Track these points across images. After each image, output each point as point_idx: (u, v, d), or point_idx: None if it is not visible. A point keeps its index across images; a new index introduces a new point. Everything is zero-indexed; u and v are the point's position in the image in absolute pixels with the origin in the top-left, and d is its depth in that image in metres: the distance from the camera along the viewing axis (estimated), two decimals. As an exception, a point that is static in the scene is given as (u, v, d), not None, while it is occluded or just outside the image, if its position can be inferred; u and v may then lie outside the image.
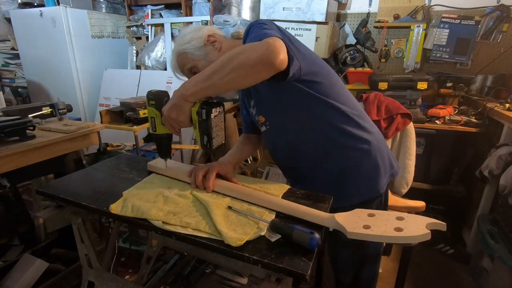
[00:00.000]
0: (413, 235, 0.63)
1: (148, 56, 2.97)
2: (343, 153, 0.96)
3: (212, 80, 0.76)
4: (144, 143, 2.27)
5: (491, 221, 1.70)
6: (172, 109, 0.81)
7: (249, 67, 0.74)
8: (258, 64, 0.73)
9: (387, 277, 1.83)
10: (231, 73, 0.74)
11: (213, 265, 1.79)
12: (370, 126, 1.01)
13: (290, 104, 0.94)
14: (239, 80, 0.76)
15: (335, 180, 0.99)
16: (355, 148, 0.96)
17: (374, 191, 0.99)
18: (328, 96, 0.92)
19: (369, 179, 0.98)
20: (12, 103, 3.43)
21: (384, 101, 1.70)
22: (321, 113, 0.93)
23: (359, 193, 0.97)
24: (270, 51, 0.72)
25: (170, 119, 0.82)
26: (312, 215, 0.76)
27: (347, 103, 0.97)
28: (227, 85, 0.77)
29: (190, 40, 0.97)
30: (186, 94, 0.79)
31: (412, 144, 1.66)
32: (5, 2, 3.21)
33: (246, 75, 0.75)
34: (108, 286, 1.08)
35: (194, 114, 0.83)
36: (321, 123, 0.94)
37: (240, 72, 0.74)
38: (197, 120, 0.83)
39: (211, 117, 0.82)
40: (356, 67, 2.41)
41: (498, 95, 2.02)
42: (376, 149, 0.98)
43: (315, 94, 0.91)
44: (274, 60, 0.72)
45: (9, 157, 1.24)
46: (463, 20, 2.17)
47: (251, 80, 0.78)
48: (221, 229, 0.70)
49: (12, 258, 1.65)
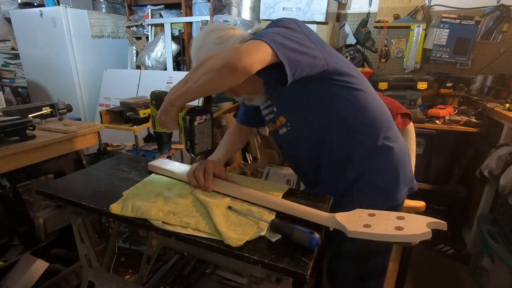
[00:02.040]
0: (414, 233, 0.63)
1: (148, 56, 2.97)
2: (365, 159, 0.94)
3: (188, 84, 0.76)
4: (144, 143, 2.27)
5: (491, 221, 1.70)
6: (162, 112, 0.83)
7: (214, 72, 0.72)
8: (221, 68, 0.71)
9: (387, 277, 1.83)
10: (201, 78, 0.73)
11: (213, 265, 1.79)
12: (395, 135, 0.99)
13: (317, 103, 0.90)
14: (208, 85, 0.75)
15: (354, 185, 0.96)
16: (378, 155, 0.94)
17: (392, 200, 0.97)
18: (359, 96, 0.90)
19: (388, 188, 0.96)
20: (12, 103, 3.43)
21: (384, 101, 1.70)
22: (351, 114, 0.91)
23: (376, 200, 0.94)
24: (235, 55, 0.69)
25: (161, 121, 0.85)
26: (312, 215, 0.76)
27: (379, 107, 0.95)
28: (200, 89, 0.76)
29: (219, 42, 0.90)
30: (171, 98, 0.80)
31: (412, 144, 1.66)
32: (5, 2, 3.21)
33: (213, 80, 0.73)
34: (108, 286, 1.08)
35: (180, 120, 0.86)
36: (350, 125, 0.92)
37: (208, 77, 0.73)
38: (182, 125, 0.86)
39: (194, 124, 0.85)
40: (356, 67, 2.41)
41: (498, 95, 2.02)
42: (399, 158, 0.96)
43: (347, 92, 0.89)
44: (236, 64, 0.69)
45: (9, 157, 1.24)
46: (463, 20, 2.17)
47: (218, 85, 0.75)
48: (221, 229, 0.70)
49: (12, 258, 1.64)
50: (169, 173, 1.02)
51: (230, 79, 0.73)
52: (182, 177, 0.98)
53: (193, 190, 0.91)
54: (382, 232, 0.65)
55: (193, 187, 0.93)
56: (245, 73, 0.71)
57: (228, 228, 0.72)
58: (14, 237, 1.83)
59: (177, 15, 3.04)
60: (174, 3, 3.03)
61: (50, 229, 1.16)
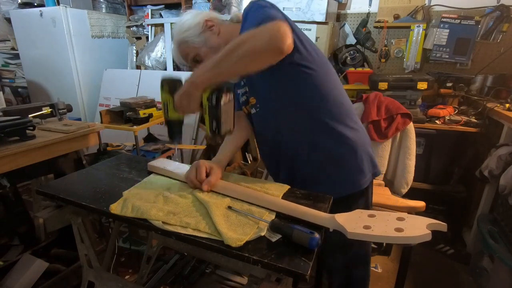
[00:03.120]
0: (413, 235, 0.63)
1: (148, 56, 2.97)
2: (327, 146, 0.97)
3: (221, 67, 0.77)
4: (144, 143, 2.27)
5: (491, 221, 1.70)
6: (183, 96, 0.82)
7: (257, 53, 0.74)
8: (266, 50, 0.73)
9: (387, 277, 1.83)
10: (239, 60, 0.75)
11: (213, 265, 1.79)
12: (357, 123, 1.02)
13: (284, 87, 0.94)
14: (247, 66, 0.77)
15: (316, 172, 1.00)
16: (340, 143, 0.97)
17: (356, 186, 1.00)
18: (322, 86, 0.93)
19: (352, 175, 0.99)
20: (12, 103, 3.43)
21: (384, 101, 1.71)
22: (313, 101, 0.94)
23: (341, 188, 0.98)
24: (278, 36, 0.71)
25: (182, 105, 0.84)
26: (312, 215, 0.76)
27: (339, 97, 0.98)
28: (235, 72, 0.79)
29: (188, 28, 0.96)
30: (196, 81, 0.80)
31: (412, 144, 1.67)
32: (5, 2, 3.21)
33: (254, 61, 0.76)
34: (108, 286, 1.08)
35: (204, 100, 0.84)
36: (312, 111, 0.95)
37: (249, 59, 0.75)
38: (207, 105, 0.85)
39: (220, 103, 0.83)
40: (356, 67, 2.42)
41: (498, 95, 2.02)
42: (360, 146, 0.99)
43: (311, 81, 0.92)
44: (283, 46, 0.72)
45: (9, 157, 1.24)
46: (463, 20, 2.17)
47: (259, 66, 0.78)
48: (221, 230, 0.70)
49: (12, 258, 1.65)
50: (168, 173, 1.02)
51: (273, 59, 0.76)
52: (181, 177, 0.98)
53: (193, 190, 0.91)
54: (382, 234, 0.65)
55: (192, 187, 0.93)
56: (288, 52, 0.74)
57: (228, 228, 0.72)
58: (14, 237, 1.83)
59: (177, 15, 3.04)
60: (174, 3, 3.04)
61: (50, 229, 1.16)
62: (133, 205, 0.81)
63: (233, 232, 0.70)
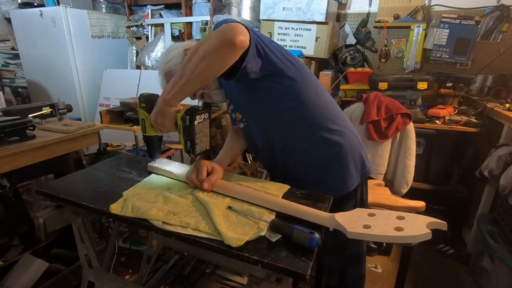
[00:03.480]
0: (413, 234, 0.63)
1: (148, 56, 2.97)
2: (311, 151, 0.99)
3: (185, 78, 0.78)
4: (144, 143, 2.26)
5: (491, 221, 1.70)
6: (157, 114, 0.83)
7: (213, 53, 0.75)
8: (220, 47, 0.74)
9: (387, 277, 1.83)
10: (199, 64, 0.76)
11: (213, 265, 1.79)
12: (342, 126, 1.02)
13: (261, 100, 0.96)
14: (208, 69, 0.77)
15: (303, 176, 1.02)
16: (322, 147, 0.99)
17: (344, 189, 1.02)
18: (302, 93, 0.95)
19: (336, 178, 1.01)
20: (12, 103, 3.43)
21: (384, 101, 1.70)
22: (294, 109, 0.96)
23: (326, 191, 0.97)
24: (228, 32, 0.74)
25: (157, 123, 0.85)
26: (312, 214, 0.76)
27: (320, 102, 0.99)
28: (199, 77, 0.78)
29: (171, 58, 1.00)
30: (167, 98, 0.81)
31: (412, 144, 1.67)
32: (5, 2, 3.21)
33: (213, 61, 0.76)
34: (108, 286, 1.08)
35: (179, 120, 0.86)
36: (293, 119, 0.97)
37: (207, 60, 0.76)
38: (181, 125, 0.86)
39: (194, 124, 0.84)
40: (356, 67, 2.42)
41: (498, 95, 2.02)
42: (347, 148, 1.00)
43: (286, 90, 0.93)
44: (234, 39, 0.73)
45: (9, 157, 1.24)
46: (463, 20, 2.17)
47: (219, 66, 0.78)
48: (221, 230, 0.70)
49: (12, 258, 1.65)
50: (168, 173, 1.02)
51: (230, 56, 0.76)
52: (181, 178, 0.98)
53: (193, 190, 0.91)
54: (382, 233, 0.65)
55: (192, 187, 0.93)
56: (241, 48, 0.76)
57: (228, 228, 0.72)
58: (14, 237, 1.83)
59: (177, 15, 3.04)
60: (174, 3, 3.03)
61: (50, 229, 1.16)
62: (133, 205, 0.81)
63: (233, 232, 0.70)
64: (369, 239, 0.66)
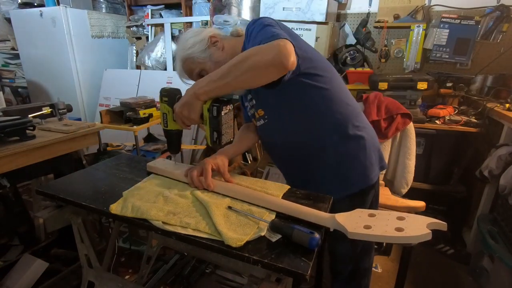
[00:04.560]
0: (414, 235, 0.63)
1: (148, 56, 2.97)
2: (338, 147, 0.99)
3: (225, 80, 0.80)
4: (144, 143, 2.27)
5: (491, 221, 1.70)
6: (184, 106, 0.84)
7: (262, 69, 0.77)
8: (271, 66, 0.77)
9: (387, 277, 1.83)
10: (244, 74, 0.78)
11: (213, 265, 1.79)
12: (363, 121, 1.06)
13: (291, 97, 0.96)
14: (252, 80, 0.81)
15: (329, 172, 1.02)
16: (350, 142, 1.00)
17: (367, 181, 1.03)
18: (330, 90, 0.96)
19: (362, 171, 1.02)
20: (12, 103, 3.43)
21: (384, 101, 1.70)
22: (323, 107, 0.96)
23: (353, 184, 1.01)
24: (283, 54, 0.75)
25: (182, 116, 0.86)
26: (312, 215, 0.76)
27: (345, 99, 1.00)
28: (239, 85, 0.81)
29: (193, 44, 0.98)
30: (198, 92, 0.82)
31: (412, 144, 1.67)
32: (5, 2, 3.21)
33: (259, 76, 0.79)
34: (108, 286, 1.08)
35: (205, 111, 0.86)
36: (321, 116, 0.97)
37: (253, 73, 0.78)
38: (208, 117, 0.86)
39: (221, 114, 0.85)
40: (356, 67, 2.41)
41: (498, 95, 2.02)
42: (370, 143, 1.02)
43: (317, 87, 0.94)
44: (286, 63, 0.75)
45: (9, 157, 1.24)
46: (463, 20, 2.17)
47: (263, 80, 0.81)
48: (221, 230, 0.70)
49: (12, 258, 1.65)
50: (168, 173, 1.02)
51: (278, 75, 0.80)
52: (181, 177, 0.98)
53: (193, 190, 0.91)
54: (382, 233, 0.65)
55: (193, 187, 0.93)
56: (291, 69, 0.79)
57: (228, 228, 0.72)
58: (14, 237, 1.83)
59: (177, 15, 3.04)
60: (174, 3, 3.03)
61: (50, 229, 1.16)
62: (133, 205, 0.81)
63: (233, 232, 0.70)
64: (369, 239, 0.66)
